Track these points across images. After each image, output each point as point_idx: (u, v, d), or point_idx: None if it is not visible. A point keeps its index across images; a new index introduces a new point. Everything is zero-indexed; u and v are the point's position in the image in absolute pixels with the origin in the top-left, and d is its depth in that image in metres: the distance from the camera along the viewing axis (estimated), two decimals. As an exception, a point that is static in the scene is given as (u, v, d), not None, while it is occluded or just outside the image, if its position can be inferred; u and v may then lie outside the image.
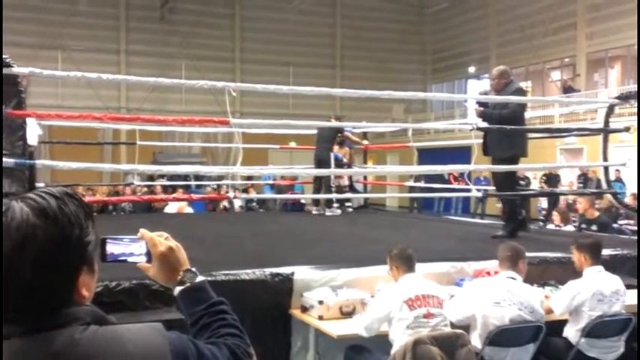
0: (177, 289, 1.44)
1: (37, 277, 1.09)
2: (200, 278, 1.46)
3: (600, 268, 4.23)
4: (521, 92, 6.56)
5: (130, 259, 1.44)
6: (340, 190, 9.61)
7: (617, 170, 14.33)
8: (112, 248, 1.40)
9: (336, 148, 9.57)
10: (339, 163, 9.50)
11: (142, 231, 1.46)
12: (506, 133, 5.89)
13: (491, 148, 5.96)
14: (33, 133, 6.22)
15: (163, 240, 1.47)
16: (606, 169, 7.03)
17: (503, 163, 5.93)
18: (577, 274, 4.25)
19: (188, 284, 1.44)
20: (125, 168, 7.62)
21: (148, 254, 1.45)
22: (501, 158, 5.88)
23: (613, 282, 4.16)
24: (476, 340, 3.71)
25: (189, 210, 11.55)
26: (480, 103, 6.27)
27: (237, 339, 1.36)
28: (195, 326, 1.40)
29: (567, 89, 21.84)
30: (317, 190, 9.21)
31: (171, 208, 11.63)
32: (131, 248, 1.44)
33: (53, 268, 1.11)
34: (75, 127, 9.53)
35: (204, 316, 1.40)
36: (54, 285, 1.11)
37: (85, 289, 1.16)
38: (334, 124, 8.98)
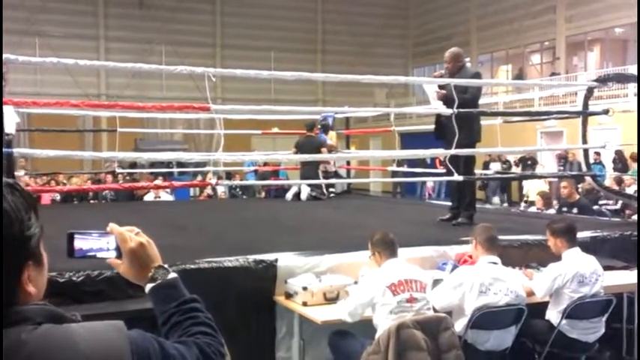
0: (148, 287, 1.38)
1: None
2: (172, 275, 1.39)
3: (578, 249, 4.28)
4: (479, 76, 6.57)
5: (99, 255, 1.38)
6: (327, 175, 9.56)
7: (597, 153, 14.49)
8: (80, 243, 1.35)
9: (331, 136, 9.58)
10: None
11: (112, 225, 1.40)
12: (467, 118, 5.85)
13: (452, 134, 5.70)
14: (11, 120, 6.12)
15: (134, 235, 1.40)
16: (586, 151, 7.09)
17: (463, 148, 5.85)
18: (558, 256, 4.29)
19: (159, 281, 1.37)
20: (105, 155, 7.54)
21: (118, 249, 1.39)
22: (462, 144, 5.78)
23: (590, 263, 4.21)
24: (459, 325, 3.74)
25: (167, 197, 11.48)
26: (440, 87, 6.18)
27: (209, 338, 1.30)
28: (167, 325, 1.33)
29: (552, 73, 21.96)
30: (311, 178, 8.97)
31: (150, 196, 11.58)
32: (100, 243, 1.37)
33: None
34: (55, 114, 9.40)
35: (176, 314, 1.33)
36: None
37: (31, 285, 1.10)
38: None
